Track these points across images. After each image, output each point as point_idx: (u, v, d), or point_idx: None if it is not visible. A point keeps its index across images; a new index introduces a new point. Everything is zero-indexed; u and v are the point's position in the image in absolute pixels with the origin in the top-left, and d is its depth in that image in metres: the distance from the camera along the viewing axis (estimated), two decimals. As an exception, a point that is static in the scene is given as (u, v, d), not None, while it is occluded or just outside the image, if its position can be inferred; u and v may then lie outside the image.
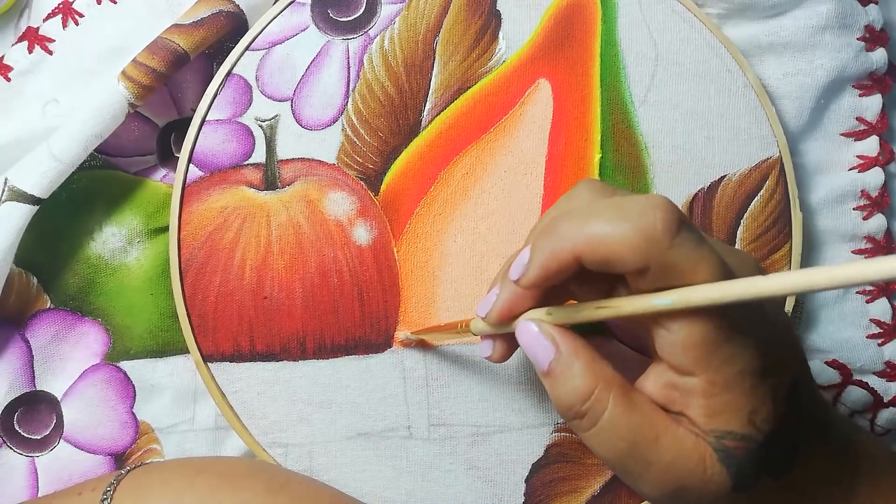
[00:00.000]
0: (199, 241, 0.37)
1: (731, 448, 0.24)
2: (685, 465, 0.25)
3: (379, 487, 0.37)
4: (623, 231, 0.23)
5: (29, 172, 0.36)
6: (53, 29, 0.39)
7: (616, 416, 0.25)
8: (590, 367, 0.26)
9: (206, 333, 0.37)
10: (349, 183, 0.38)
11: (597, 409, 0.25)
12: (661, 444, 0.25)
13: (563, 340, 0.26)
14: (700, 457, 0.25)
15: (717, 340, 0.24)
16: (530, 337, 0.27)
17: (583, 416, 0.26)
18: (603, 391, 0.25)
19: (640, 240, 0.23)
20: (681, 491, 0.25)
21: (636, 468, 0.25)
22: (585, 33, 0.38)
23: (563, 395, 0.26)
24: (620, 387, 0.25)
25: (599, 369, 0.26)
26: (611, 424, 0.25)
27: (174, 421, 0.38)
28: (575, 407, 0.26)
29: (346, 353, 0.37)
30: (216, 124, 0.38)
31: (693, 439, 0.25)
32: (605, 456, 0.26)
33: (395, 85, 0.38)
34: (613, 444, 0.25)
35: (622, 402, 0.25)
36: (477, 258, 0.38)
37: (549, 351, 0.26)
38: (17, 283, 0.38)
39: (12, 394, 0.38)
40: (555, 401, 0.26)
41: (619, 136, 0.38)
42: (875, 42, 0.39)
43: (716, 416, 0.24)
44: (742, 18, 0.39)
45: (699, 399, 0.24)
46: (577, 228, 0.24)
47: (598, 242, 0.24)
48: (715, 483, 0.25)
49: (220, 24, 0.38)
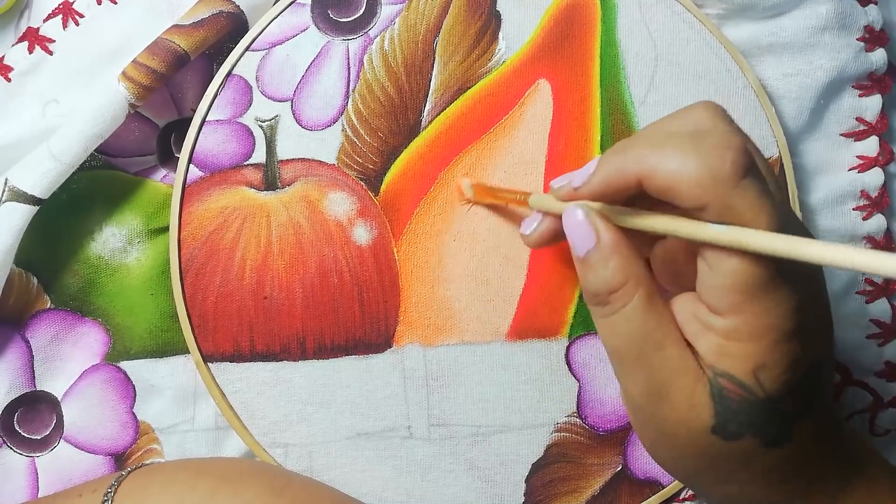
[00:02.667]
0: (199, 242, 0.37)
1: (725, 388, 0.25)
2: (678, 379, 0.25)
3: (379, 487, 0.37)
4: (690, 165, 0.24)
5: (29, 173, 0.36)
6: (54, 29, 0.39)
7: (635, 311, 0.26)
8: (625, 263, 0.26)
9: (206, 333, 0.37)
10: (349, 183, 0.38)
11: (620, 301, 0.26)
12: (665, 351, 0.25)
13: (605, 232, 0.27)
14: (693, 381, 0.25)
15: (756, 291, 0.24)
16: (574, 222, 0.27)
17: (605, 304, 0.26)
18: (632, 287, 0.26)
19: (704, 176, 0.23)
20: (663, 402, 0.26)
21: (632, 364, 0.26)
22: (585, 34, 0.38)
23: (592, 281, 0.27)
24: (648, 288, 0.26)
25: (634, 267, 0.26)
26: (628, 316, 0.26)
27: (174, 421, 0.38)
28: (601, 295, 0.26)
29: (346, 353, 0.37)
30: (216, 125, 0.38)
31: (693, 363, 0.25)
32: (610, 343, 0.27)
33: (395, 85, 0.38)
34: (623, 335, 0.26)
35: (646, 301, 0.26)
36: (477, 258, 0.38)
37: (590, 239, 0.27)
38: (18, 284, 0.38)
39: (12, 394, 0.38)
40: (583, 284, 0.27)
41: (619, 137, 0.38)
42: (875, 42, 0.39)
43: (724, 357, 0.25)
44: (742, 19, 0.39)
45: (716, 337, 0.25)
46: (648, 152, 0.25)
47: (664, 171, 0.24)
48: (696, 413, 0.25)
49: (221, 25, 0.38)
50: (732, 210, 0.24)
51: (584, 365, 0.38)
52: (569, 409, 0.38)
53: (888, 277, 0.20)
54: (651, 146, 0.25)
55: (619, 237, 0.27)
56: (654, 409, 0.26)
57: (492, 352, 0.37)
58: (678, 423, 0.26)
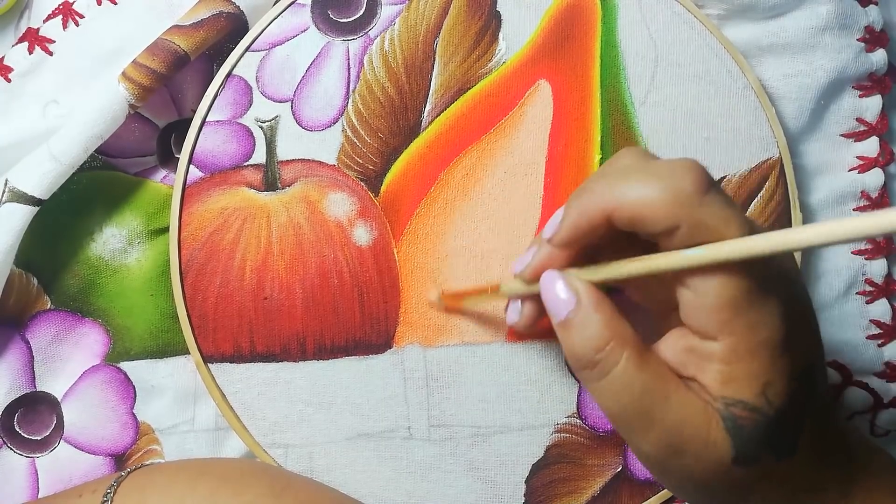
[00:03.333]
0: (199, 242, 0.37)
1: (738, 417, 0.24)
2: (689, 427, 0.25)
3: (379, 488, 0.37)
4: (653, 189, 0.24)
5: (29, 173, 0.36)
6: (54, 30, 0.39)
7: (628, 371, 0.25)
8: (609, 320, 0.26)
9: (206, 334, 0.37)
10: (349, 184, 0.38)
11: (609, 361, 0.25)
12: (670, 403, 0.25)
13: (586, 293, 0.26)
14: (706, 422, 0.25)
15: (743, 305, 0.24)
16: (553, 286, 0.27)
17: (594, 367, 0.26)
18: (618, 345, 0.25)
19: (670, 197, 0.24)
20: (680, 454, 0.25)
21: (640, 424, 0.25)
22: (585, 34, 0.38)
23: (577, 343, 0.26)
24: (636, 344, 0.26)
25: (618, 324, 0.26)
26: (621, 378, 0.25)
27: (174, 422, 0.38)
28: (587, 356, 0.26)
29: (347, 354, 0.37)
30: (216, 125, 0.38)
31: (701, 404, 0.25)
32: (609, 408, 0.26)
33: (395, 86, 0.38)
34: (621, 398, 0.25)
35: (636, 358, 0.25)
36: (477, 259, 0.38)
37: (570, 301, 0.26)
38: (18, 284, 0.38)
39: (13, 394, 0.38)
40: (568, 349, 0.27)
41: (620, 137, 0.38)
42: (875, 43, 0.39)
43: (730, 383, 0.24)
44: (742, 19, 0.39)
45: (716, 364, 0.25)
46: (607, 187, 0.25)
47: (628, 201, 0.24)
48: (716, 451, 0.25)
49: (221, 26, 0.38)
50: (702, 225, 0.24)
51: (584, 365, 0.38)
52: (569, 410, 0.38)
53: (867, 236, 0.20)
54: (612, 182, 0.25)
55: (600, 295, 0.26)
56: (672, 462, 0.26)
57: (492, 352, 0.37)
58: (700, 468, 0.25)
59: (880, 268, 0.40)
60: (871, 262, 0.40)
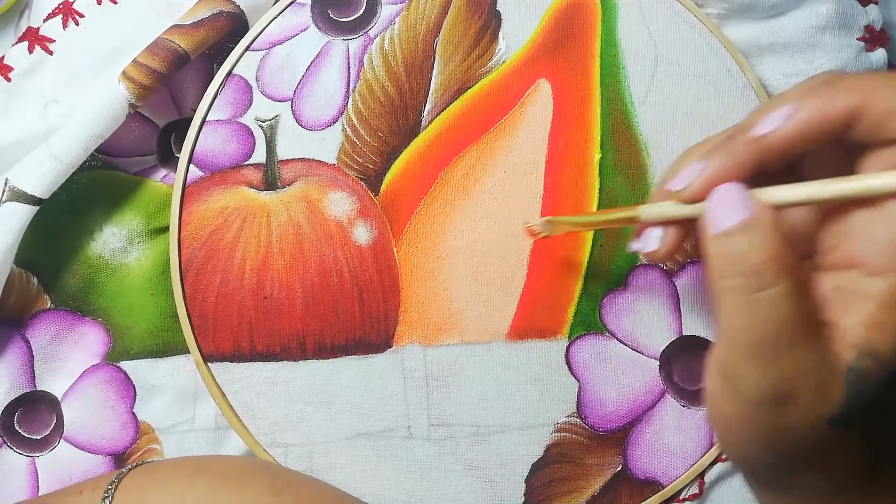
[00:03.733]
0: (199, 242, 0.37)
1: (866, 368, 0.22)
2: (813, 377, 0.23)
3: (379, 487, 0.37)
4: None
5: (29, 173, 0.36)
6: (54, 29, 0.39)
7: (784, 296, 0.22)
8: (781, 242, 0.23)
9: (206, 333, 0.37)
10: (349, 183, 0.38)
11: (767, 277, 0.23)
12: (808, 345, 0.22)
13: (763, 208, 0.23)
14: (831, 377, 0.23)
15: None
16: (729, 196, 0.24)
17: (749, 277, 0.23)
18: (781, 267, 0.23)
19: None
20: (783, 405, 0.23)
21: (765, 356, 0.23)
22: (585, 33, 0.38)
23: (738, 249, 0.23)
24: (798, 275, 0.23)
25: (787, 250, 0.23)
26: (775, 301, 0.22)
27: (174, 421, 0.38)
28: (746, 264, 0.23)
29: (346, 353, 0.37)
30: (216, 125, 0.38)
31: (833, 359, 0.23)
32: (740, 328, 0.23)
33: (395, 85, 0.38)
34: (761, 321, 0.23)
35: (796, 286, 0.23)
36: (477, 258, 0.38)
37: (745, 208, 0.23)
38: (18, 284, 0.38)
39: (13, 394, 0.38)
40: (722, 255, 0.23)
41: (619, 137, 0.38)
42: (875, 42, 0.39)
43: (877, 328, 0.22)
44: (742, 19, 0.39)
45: (870, 304, 0.22)
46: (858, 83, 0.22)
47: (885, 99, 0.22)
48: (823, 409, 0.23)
49: (221, 25, 0.38)
50: None
51: (584, 365, 0.38)
52: (569, 409, 0.38)
53: None
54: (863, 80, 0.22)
55: (779, 219, 0.23)
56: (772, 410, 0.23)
57: (492, 352, 0.37)
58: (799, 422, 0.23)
59: None
60: None
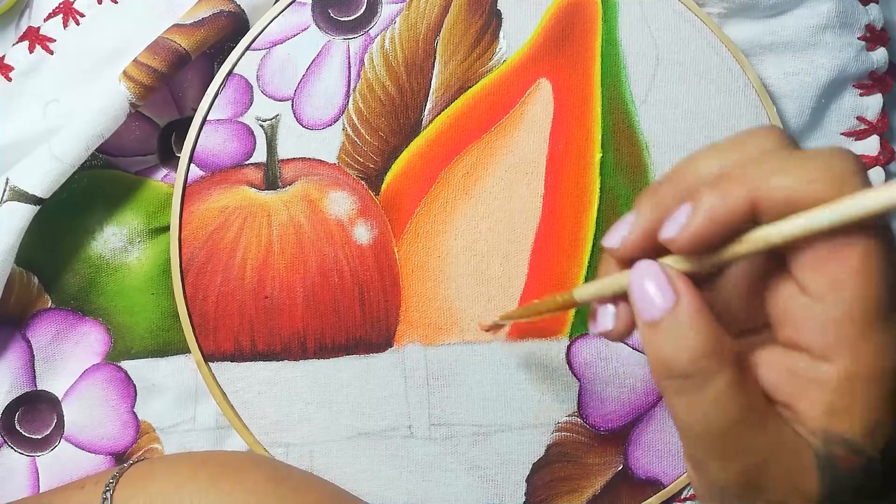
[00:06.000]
0: (200, 241, 0.37)
1: (838, 457, 0.21)
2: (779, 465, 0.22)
3: (380, 487, 0.37)
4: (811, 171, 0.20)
5: (30, 172, 0.36)
6: (54, 29, 0.39)
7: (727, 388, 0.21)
8: (711, 328, 0.22)
9: (206, 333, 0.37)
10: (350, 182, 0.38)
11: (705, 375, 0.21)
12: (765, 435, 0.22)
13: (687, 293, 0.22)
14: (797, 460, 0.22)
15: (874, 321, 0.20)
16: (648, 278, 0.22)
17: (686, 379, 0.22)
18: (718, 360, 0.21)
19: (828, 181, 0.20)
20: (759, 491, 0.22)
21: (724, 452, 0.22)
22: (586, 33, 0.38)
23: (669, 350, 0.22)
24: (737, 361, 0.22)
25: (720, 335, 0.22)
26: (718, 395, 0.21)
27: (175, 420, 0.38)
28: (680, 367, 0.22)
29: (347, 353, 0.37)
30: (217, 124, 0.38)
31: (794, 438, 0.22)
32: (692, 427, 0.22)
33: (395, 84, 0.38)
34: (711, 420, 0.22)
35: (737, 377, 0.21)
36: (478, 257, 0.38)
37: (668, 299, 0.22)
38: (18, 283, 0.38)
39: (13, 393, 0.38)
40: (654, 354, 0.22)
41: (620, 136, 0.38)
42: (876, 41, 0.39)
43: (837, 415, 0.21)
44: (743, 18, 0.39)
45: (823, 392, 0.21)
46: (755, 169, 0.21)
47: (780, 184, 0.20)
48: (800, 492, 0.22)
49: (221, 24, 0.38)
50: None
51: (584, 364, 0.38)
52: (570, 409, 0.38)
53: None
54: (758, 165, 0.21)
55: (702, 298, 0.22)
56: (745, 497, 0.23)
57: (493, 351, 0.37)
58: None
59: None
60: None
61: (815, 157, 0.21)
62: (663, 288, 0.22)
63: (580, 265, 0.38)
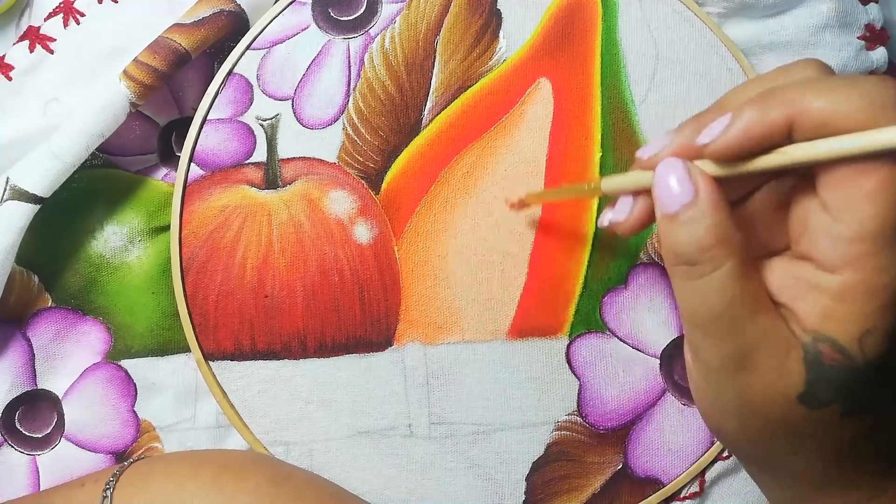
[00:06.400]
0: (200, 240, 0.37)
1: (824, 354, 0.23)
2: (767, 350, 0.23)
3: (380, 485, 0.37)
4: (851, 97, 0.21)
5: (30, 171, 0.36)
6: (54, 28, 0.39)
7: (727, 277, 0.23)
8: (722, 222, 0.24)
9: (207, 332, 0.37)
10: (350, 182, 0.38)
11: (711, 264, 0.23)
12: (757, 320, 0.23)
13: (706, 188, 0.24)
14: (785, 350, 0.23)
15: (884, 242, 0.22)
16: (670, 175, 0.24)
17: (693, 265, 0.24)
18: (724, 251, 0.23)
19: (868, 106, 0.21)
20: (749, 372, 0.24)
21: (717, 332, 0.24)
22: (586, 32, 0.38)
23: (681, 238, 0.24)
24: (742, 255, 0.24)
25: (730, 229, 0.24)
26: (718, 282, 0.23)
27: (175, 419, 0.39)
28: (689, 254, 0.24)
29: (347, 352, 0.37)
30: (217, 123, 0.38)
31: (787, 332, 0.23)
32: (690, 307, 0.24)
33: (395, 84, 0.38)
34: (711, 302, 0.24)
35: (739, 268, 0.23)
36: (478, 257, 0.38)
37: (688, 192, 0.24)
38: (19, 282, 0.38)
39: (14, 392, 0.38)
40: (668, 242, 0.24)
41: (620, 135, 0.38)
42: (875, 41, 0.39)
43: (830, 319, 0.23)
44: (742, 17, 0.39)
45: (824, 298, 0.23)
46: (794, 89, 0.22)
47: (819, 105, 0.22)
48: (785, 382, 0.23)
49: (222, 24, 0.38)
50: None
51: (584, 363, 0.38)
52: (569, 408, 0.38)
53: None
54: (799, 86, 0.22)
55: (721, 195, 0.24)
56: (734, 378, 0.24)
57: (492, 350, 0.37)
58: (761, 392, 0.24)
59: None
60: None
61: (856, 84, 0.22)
62: (684, 183, 0.24)
63: (580, 265, 0.38)
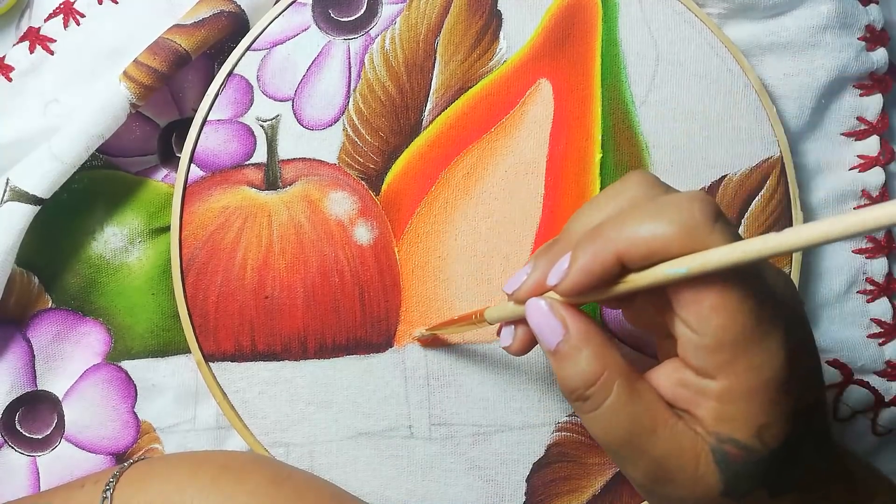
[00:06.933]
0: (200, 241, 0.37)
1: (730, 454, 0.24)
2: (677, 460, 0.25)
3: (380, 487, 0.37)
4: (663, 224, 0.23)
5: (30, 173, 0.36)
6: (55, 29, 0.39)
7: (618, 404, 0.25)
8: (599, 351, 0.25)
9: (207, 333, 0.37)
10: (350, 183, 0.38)
11: (600, 394, 0.25)
12: (658, 435, 0.25)
13: (573, 322, 0.26)
14: (695, 455, 0.25)
15: (743, 345, 0.23)
16: (539, 315, 0.26)
17: (585, 400, 0.26)
18: (609, 378, 0.25)
19: (680, 230, 0.23)
20: (667, 484, 0.25)
21: (628, 454, 0.25)
22: (586, 33, 0.38)
23: (568, 376, 0.26)
24: (626, 375, 0.25)
25: (609, 355, 0.25)
26: (611, 411, 0.25)
27: (175, 420, 0.38)
28: (579, 390, 0.26)
29: (348, 353, 0.37)
30: (217, 124, 0.38)
31: (691, 436, 0.25)
32: (600, 439, 0.26)
33: (396, 85, 0.38)
34: (611, 430, 0.25)
35: (626, 390, 0.25)
36: (478, 258, 0.38)
37: (558, 331, 0.26)
38: (19, 283, 0.38)
39: (14, 393, 0.38)
40: (560, 380, 0.26)
41: (620, 136, 0.38)
42: (876, 42, 0.39)
43: (724, 421, 0.24)
44: (743, 18, 0.39)
45: (711, 402, 0.24)
46: (617, 228, 0.24)
47: (639, 238, 0.23)
48: (705, 483, 0.25)
49: (222, 25, 0.38)
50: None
51: (585, 364, 0.38)
52: (570, 409, 0.38)
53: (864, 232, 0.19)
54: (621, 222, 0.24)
55: (589, 324, 0.26)
56: (661, 491, 0.26)
57: (493, 351, 0.37)
58: (687, 497, 0.25)
59: (881, 266, 0.40)
60: (872, 261, 0.40)
61: (666, 209, 0.24)
62: (551, 321, 0.26)
63: (580, 265, 0.38)
